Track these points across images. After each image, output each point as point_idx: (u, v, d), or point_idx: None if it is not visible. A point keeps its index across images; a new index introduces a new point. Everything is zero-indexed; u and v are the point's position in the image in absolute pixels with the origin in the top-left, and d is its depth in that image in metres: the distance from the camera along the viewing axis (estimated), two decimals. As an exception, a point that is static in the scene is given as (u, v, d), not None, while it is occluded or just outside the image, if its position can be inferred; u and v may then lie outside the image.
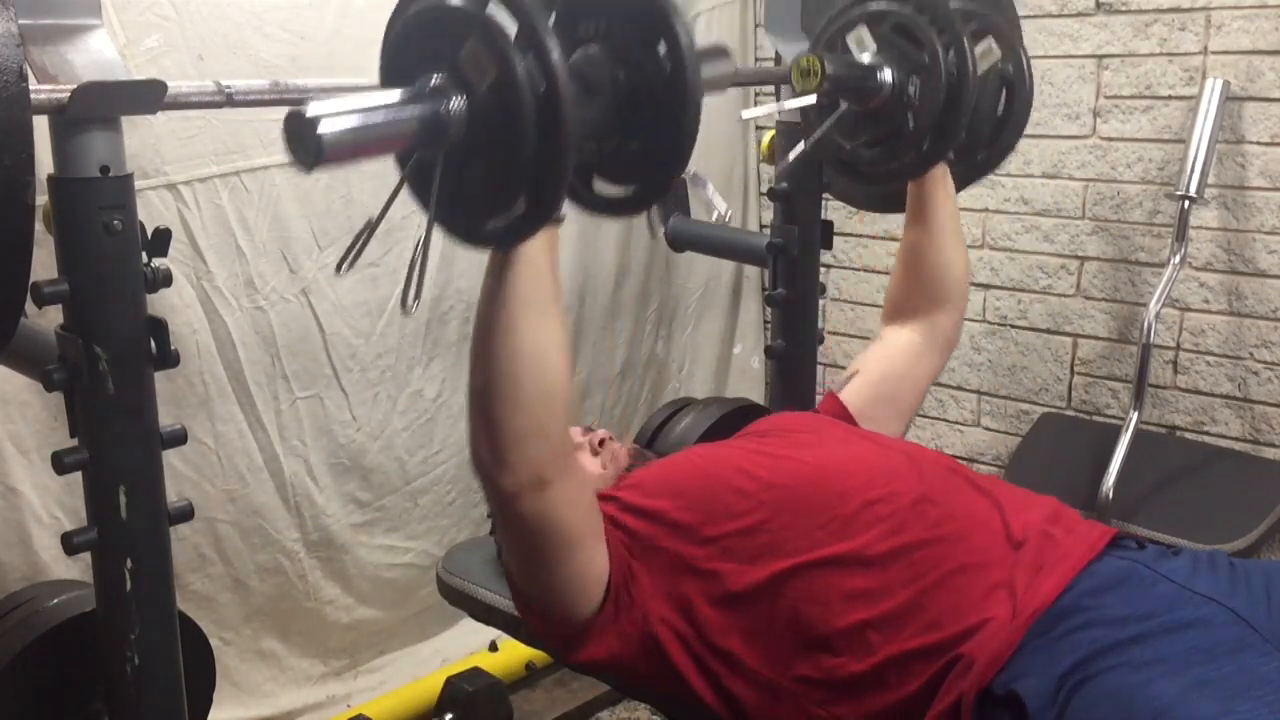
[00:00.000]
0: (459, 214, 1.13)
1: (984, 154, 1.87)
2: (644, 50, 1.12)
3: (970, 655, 1.28)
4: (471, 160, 1.07)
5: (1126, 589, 1.31)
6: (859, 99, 1.69)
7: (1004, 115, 1.84)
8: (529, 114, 1.01)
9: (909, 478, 1.46)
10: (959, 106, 1.67)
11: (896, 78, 1.68)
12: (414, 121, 1.03)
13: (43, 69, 1.18)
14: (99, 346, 1.22)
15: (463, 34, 1.03)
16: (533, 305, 1.20)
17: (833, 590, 1.36)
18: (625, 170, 1.20)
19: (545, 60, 1.01)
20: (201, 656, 1.58)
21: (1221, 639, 1.23)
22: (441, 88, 1.04)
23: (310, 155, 0.96)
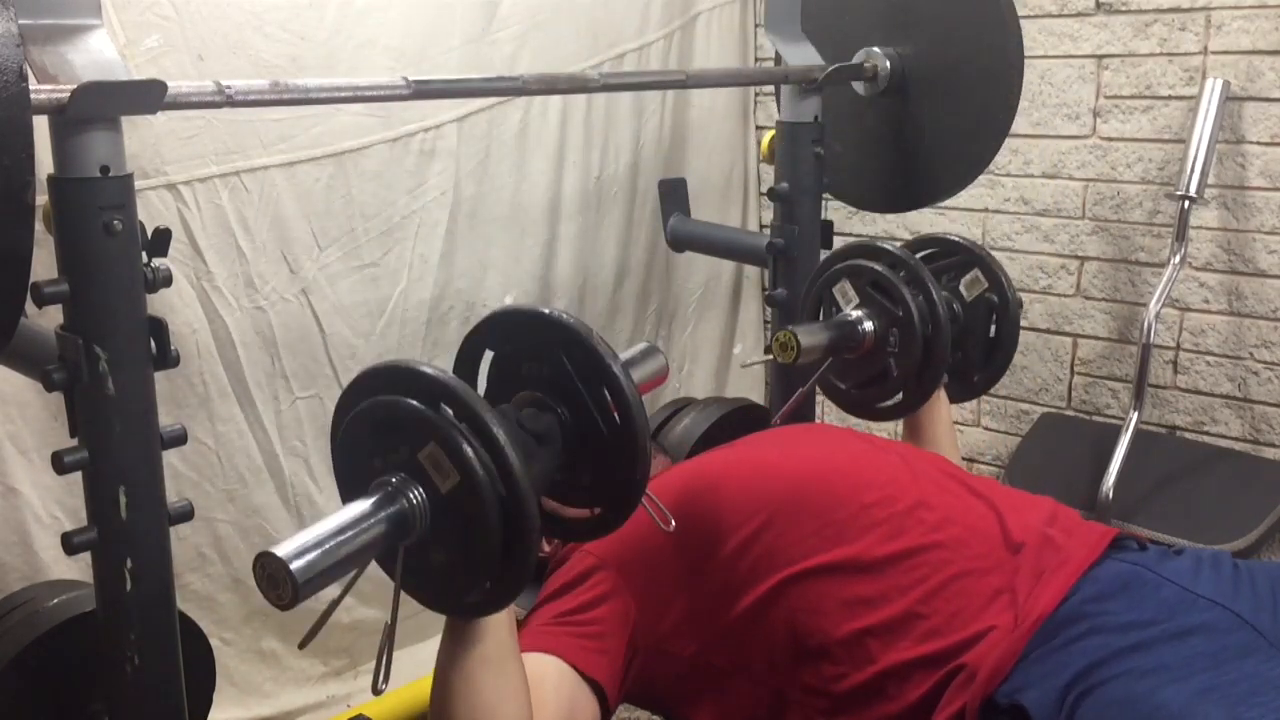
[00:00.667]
0: (428, 590, 1.16)
1: (980, 375, 2.05)
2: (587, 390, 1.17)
3: (972, 665, 1.27)
4: (434, 549, 1.10)
5: (1130, 594, 1.30)
6: (845, 349, 1.87)
7: (995, 337, 2.03)
8: (493, 516, 1.05)
9: (905, 481, 1.46)
10: (937, 355, 1.85)
11: (877, 328, 1.86)
12: (380, 529, 1.07)
13: (43, 69, 1.17)
14: (99, 346, 1.22)
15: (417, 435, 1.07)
16: (494, 665, 1.20)
17: (830, 598, 1.36)
18: (582, 497, 1.25)
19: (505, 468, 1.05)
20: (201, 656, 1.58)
21: (1226, 644, 1.22)
22: (401, 486, 1.08)
23: (287, 596, 1.00)
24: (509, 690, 1.21)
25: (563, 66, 2.68)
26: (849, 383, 1.95)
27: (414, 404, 1.07)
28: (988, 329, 2.02)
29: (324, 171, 2.33)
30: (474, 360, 1.26)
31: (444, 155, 2.51)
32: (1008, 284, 2.00)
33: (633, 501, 1.21)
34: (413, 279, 2.51)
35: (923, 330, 1.82)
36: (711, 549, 1.42)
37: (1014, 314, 2.01)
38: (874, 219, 3.03)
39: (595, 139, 2.83)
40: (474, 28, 2.53)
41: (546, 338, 1.19)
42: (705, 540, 1.42)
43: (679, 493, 1.48)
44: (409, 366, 1.10)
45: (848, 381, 1.95)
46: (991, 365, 2.05)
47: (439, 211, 2.53)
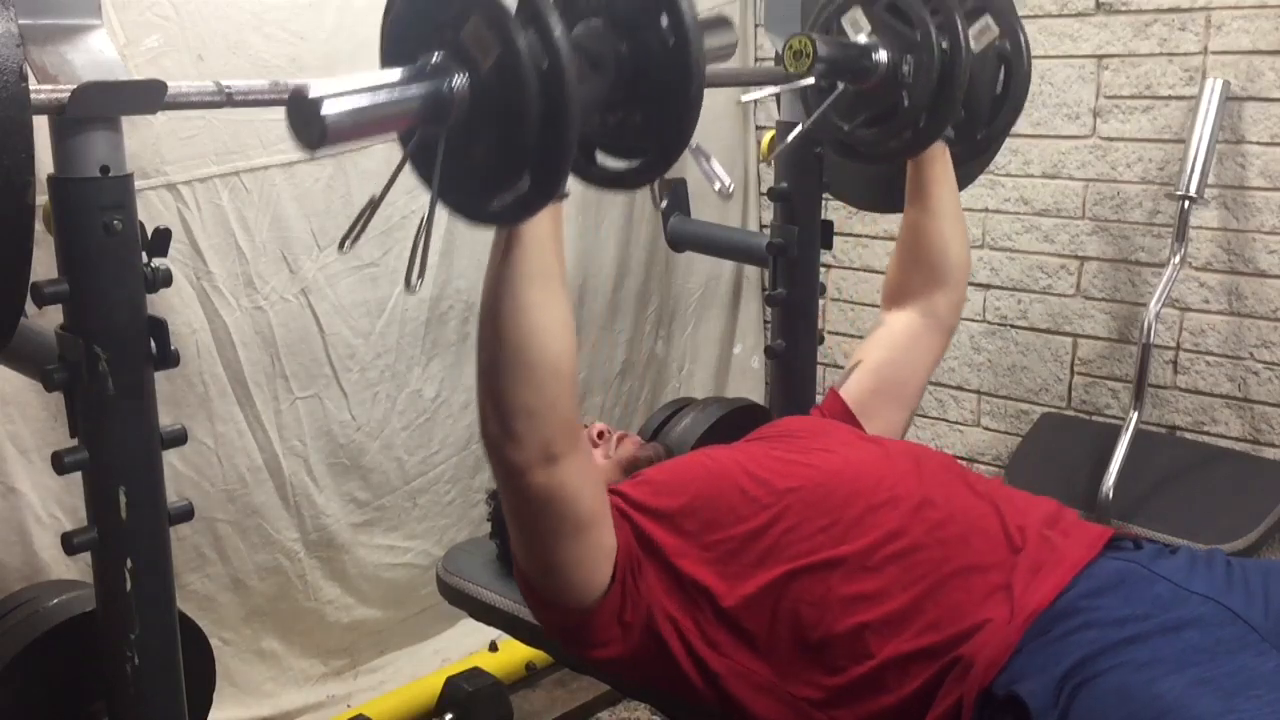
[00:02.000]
0: (463, 192, 1.13)
1: (983, 132, 1.87)
2: (646, 23, 1.11)
3: (969, 657, 1.28)
4: (474, 138, 1.06)
5: (1124, 589, 1.31)
6: (854, 79, 1.69)
7: (1002, 93, 1.84)
8: (533, 93, 1.01)
9: (912, 482, 1.47)
10: (953, 84, 1.67)
11: (890, 57, 1.68)
12: (417, 100, 1.02)
13: (43, 69, 1.18)
14: (99, 346, 1.22)
15: (464, 12, 1.02)
16: (538, 281, 1.20)
17: (832, 593, 1.37)
18: (629, 143, 1.20)
19: (548, 38, 1.01)
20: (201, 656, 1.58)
21: (1219, 637, 1.23)
22: (443, 66, 1.03)
23: (314, 136, 0.96)
24: (556, 313, 1.22)
25: (563, 66, 2.68)
26: (853, 121, 1.77)
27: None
28: (995, 83, 1.84)
29: (323, 171, 2.33)
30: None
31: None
32: (1022, 32, 1.82)
33: (679, 144, 1.16)
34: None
35: (940, 55, 1.66)
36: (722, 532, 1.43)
37: (1025, 67, 1.83)
38: (874, 219, 3.03)
39: (595, 139, 2.83)
40: (474, 28, 2.52)
41: None
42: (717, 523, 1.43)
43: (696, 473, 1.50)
44: None
45: (852, 120, 1.77)
46: (997, 123, 1.88)
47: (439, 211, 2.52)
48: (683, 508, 1.44)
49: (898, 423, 1.79)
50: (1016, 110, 1.86)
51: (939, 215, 1.81)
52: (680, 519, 1.43)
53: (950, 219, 1.82)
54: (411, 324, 2.54)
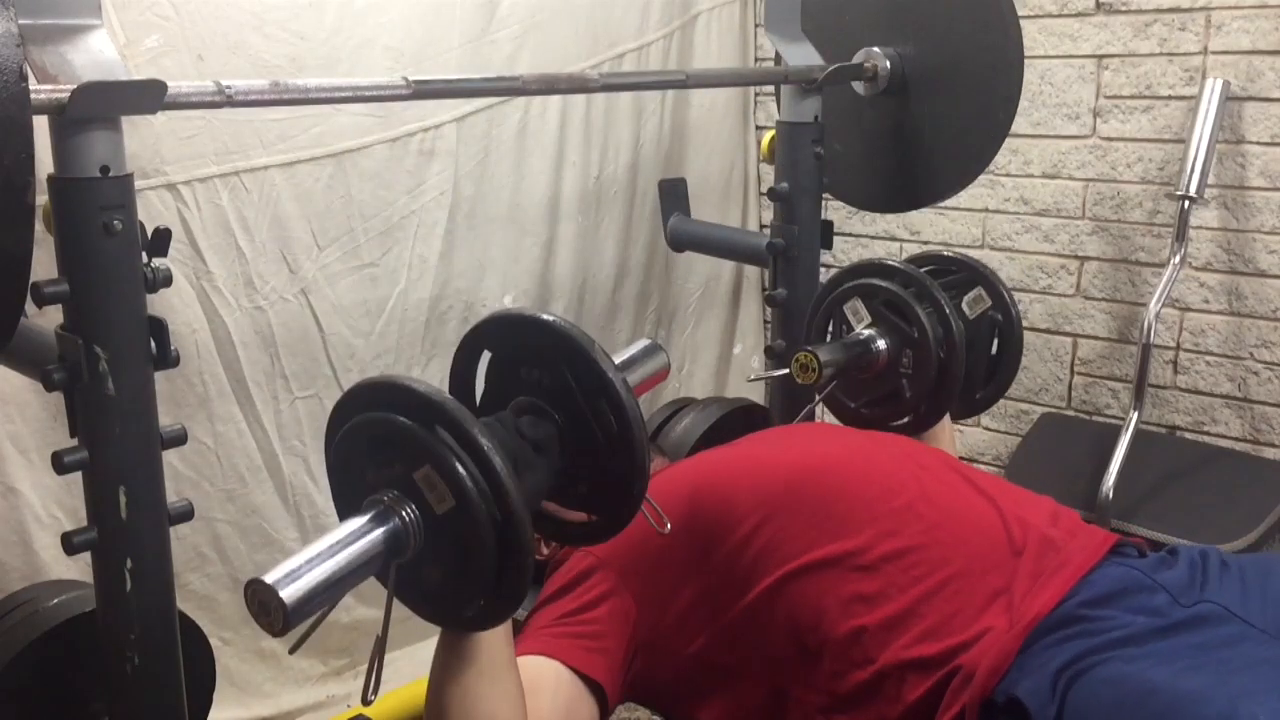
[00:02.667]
0: (423, 605, 1.16)
1: (981, 393, 2.03)
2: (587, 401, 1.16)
3: (969, 667, 1.27)
4: (429, 566, 1.10)
5: (1125, 599, 1.30)
6: (859, 371, 1.85)
7: (998, 354, 2.01)
8: (488, 539, 1.05)
9: (905, 476, 1.46)
10: (950, 377, 1.83)
11: (890, 347, 1.84)
12: (374, 550, 1.06)
13: (43, 69, 1.17)
14: (99, 346, 1.22)
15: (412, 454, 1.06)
16: (486, 675, 1.20)
17: (829, 595, 1.35)
18: (579, 504, 1.24)
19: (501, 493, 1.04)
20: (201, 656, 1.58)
21: (1216, 635, 1.24)
22: (395, 504, 1.07)
23: (278, 623, 0.99)
24: (506, 700, 1.21)
25: (562, 67, 2.68)
26: (858, 401, 1.93)
27: (409, 424, 1.06)
28: (990, 346, 2.00)
29: (323, 171, 2.33)
30: (473, 359, 1.26)
31: (443, 155, 2.51)
32: (1011, 302, 1.99)
33: (630, 512, 1.20)
34: (412, 279, 2.51)
35: (937, 352, 1.81)
36: (711, 547, 1.42)
37: (1017, 332, 1.99)
38: (874, 219, 3.03)
39: (594, 139, 2.83)
40: (473, 28, 2.53)
41: (547, 344, 1.18)
42: (705, 538, 1.42)
43: (677, 492, 1.48)
44: (402, 384, 1.09)
45: (857, 400, 1.93)
46: (994, 383, 2.04)
47: (438, 211, 2.53)
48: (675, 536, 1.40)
49: None
50: (1013, 370, 2.03)
51: None
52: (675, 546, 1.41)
53: None
54: (411, 324, 2.54)
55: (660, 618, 1.41)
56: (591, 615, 1.39)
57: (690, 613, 1.41)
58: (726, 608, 1.40)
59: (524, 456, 1.14)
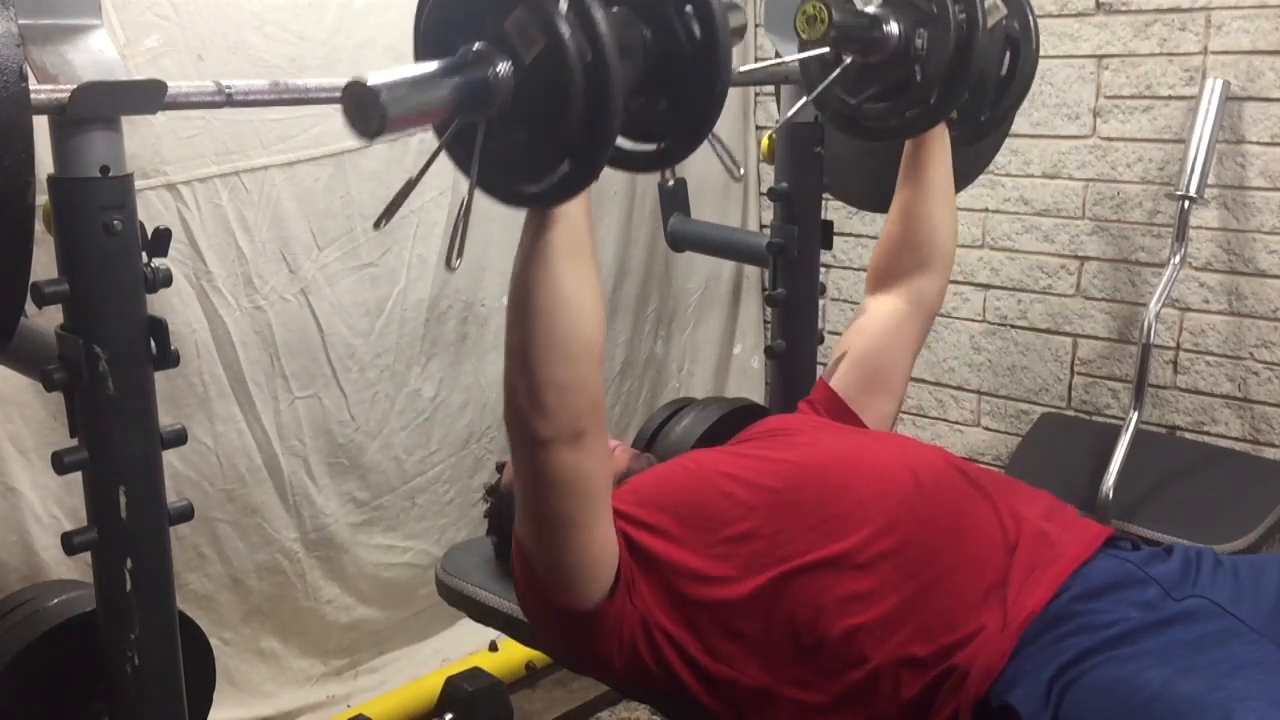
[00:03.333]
0: (500, 177, 1.13)
1: (988, 113, 1.82)
2: (673, 12, 1.12)
3: (964, 666, 1.27)
4: (515, 126, 1.07)
5: (1118, 593, 1.31)
6: (864, 51, 1.62)
7: (1008, 75, 1.79)
8: (577, 85, 1.01)
9: (901, 474, 1.46)
10: (968, 59, 1.61)
11: (903, 29, 1.61)
12: (465, 89, 1.03)
13: (43, 69, 1.18)
14: (99, 346, 1.22)
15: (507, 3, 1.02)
16: (572, 259, 1.20)
17: (827, 595, 1.35)
18: (653, 127, 1.20)
19: (593, 33, 1.01)
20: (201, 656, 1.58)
21: (1206, 631, 1.24)
22: (486, 55, 1.04)
23: (373, 125, 0.96)
24: (587, 286, 1.22)
25: (562, 66, 2.68)
26: (859, 95, 1.70)
27: None
28: (1000, 64, 1.79)
29: (323, 171, 2.33)
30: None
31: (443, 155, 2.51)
32: (1031, 14, 1.78)
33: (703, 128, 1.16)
34: (411, 279, 2.52)
35: (957, 30, 1.60)
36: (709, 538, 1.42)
37: (1034, 48, 1.79)
38: (874, 219, 3.03)
39: (595, 139, 2.83)
40: (473, 27, 2.53)
41: None
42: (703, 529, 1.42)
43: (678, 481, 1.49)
44: None
45: (858, 94, 1.70)
46: (1002, 105, 1.84)
47: (437, 211, 2.53)
48: (668, 516, 1.42)
49: (887, 414, 1.77)
50: (1023, 92, 1.81)
51: (931, 197, 1.78)
52: (667, 528, 1.42)
53: (942, 202, 1.79)
54: (410, 324, 2.54)
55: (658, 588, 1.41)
56: None
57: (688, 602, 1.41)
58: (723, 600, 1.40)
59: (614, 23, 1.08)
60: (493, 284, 2.67)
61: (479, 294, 2.65)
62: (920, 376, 3.06)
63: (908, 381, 1.84)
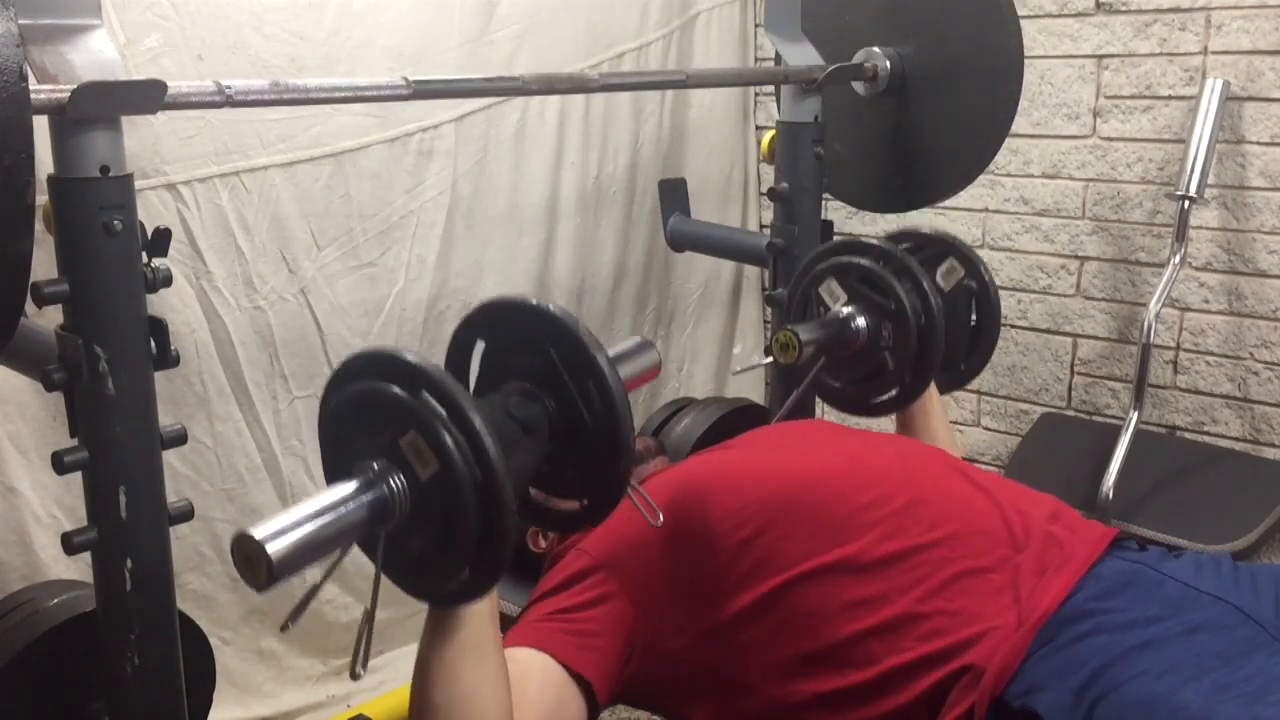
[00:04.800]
0: (407, 577, 1.17)
1: (965, 363, 2.03)
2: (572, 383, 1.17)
3: (978, 665, 1.26)
4: (415, 534, 1.11)
5: (1133, 591, 1.30)
6: (840, 349, 1.85)
7: (977, 323, 2.01)
8: (470, 503, 1.05)
9: (902, 478, 1.45)
10: (932, 346, 1.83)
11: (869, 323, 1.84)
12: (359, 515, 1.06)
13: (43, 69, 1.17)
14: (99, 346, 1.22)
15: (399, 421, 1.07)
16: (471, 652, 1.20)
17: (831, 600, 1.35)
18: (569, 488, 1.24)
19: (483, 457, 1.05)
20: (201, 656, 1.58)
21: (1233, 640, 1.22)
22: (383, 472, 1.08)
23: (262, 577, 1.00)
24: (488, 680, 1.21)
25: (561, 67, 2.68)
26: (844, 380, 1.93)
27: (397, 391, 1.08)
28: (969, 317, 2.01)
29: (323, 171, 2.33)
30: (466, 350, 1.26)
31: (442, 155, 2.51)
32: (984, 269, 1.99)
33: (617, 495, 1.20)
34: (410, 279, 2.51)
35: (916, 322, 1.81)
36: (708, 551, 1.41)
37: (994, 298, 1.99)
38: (874, 219, 3.03)
39: (593, 139, 2.83)
40: (472, 28, 2.53)
41: (534, 329, 1.19)
42: (701, 542, 1.42)
43: (673, 494, 1.47)
44: (393, 353, 1.10)
45: (842, 379, 1.93)
46: (977, 352, 2.03)
47: (436, 211, 2.53)
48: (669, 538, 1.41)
49: None
50: (993, 338, 2.04)
51: (932, 440, 1.91)
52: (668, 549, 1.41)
53: (943, 442, 1.92)
54: (409, 324, 2.54)
55: (657, 620, 1.41)
56: (587, 615, 1.39)
57: (687, 616, 1.41)
58: (724, 611, 1.39)
59: (512, 435, 1.15)
60: (492, 284, 2.67)
61: (477, 294, 2.65)
62: (920, 376, 3.06)
63: None
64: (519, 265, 2.73)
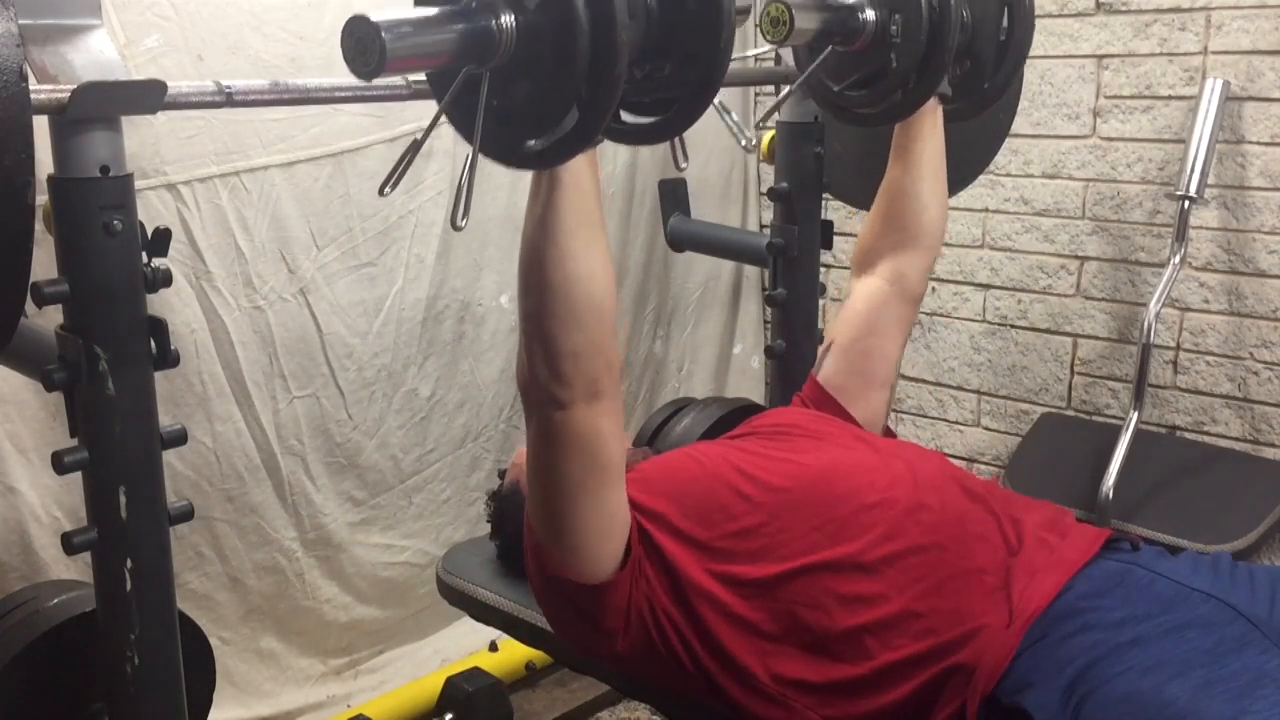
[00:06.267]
0: (505, 134, 1.11)
1: (990, 81, 1.79)
2: None
3: (969, 663, 1.28)
4: (518, 78, 1.06)
5: (1123, 590, 1.31)
6: (842, 41, 1.65)
7: (1007, 37, 1.75)
8: (582, 29, 1.01)
9: (906, 484, 1.46)
10: (941, 45, 1.63)
11: (879, 16, 1.63)
12: (469, 36, 1.02)
13: (43, 69, 1.17)
14: (99, 346, 1.22)
15: None
16: (581, 227, 1.21)
17: (830, 594, 1.36)
18: (659, 94, 1.19)
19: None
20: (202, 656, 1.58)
21: (1222, 637, 1.23)
22: (490, 3, 1.03)
23: (372, 62, 0.97)
24: (598, 256, 1.23)
25: (561, 66, 2.68)
26: (842, 82, 1.73)
27: None
28: (999, 28, 1.76)
29: (322, 171, 2.33)
30: None
31: (440, 155, 2.51)
32: None
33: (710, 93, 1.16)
34: (409, 278, 2.52)
35: (929, 15, 1.62)
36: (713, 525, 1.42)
37: (1029, 7, 1.75)
38: (873, 219, 3.02)
39: (593, 139, 2.83)
40: (472, 27, 2.53)
41: None
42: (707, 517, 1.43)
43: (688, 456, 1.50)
44: None
45: (841, 80, 1.73)
46: (1003, 69, 1.79)
47: (435, 211, 2.53)
48: (675, 506, 1.43)
49: (879, 408, 1.74)
50: (1022, 54, 1.78)
51: (920, 174, 1.76)
52: (672, 518, 1.42)
53: (931, 179, 1.77)
54: (408, 324, 2.54)
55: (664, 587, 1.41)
56: None
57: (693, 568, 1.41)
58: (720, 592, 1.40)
59: None
60: (490, 283, 2.67)
61: (476, 293, 2.65)
62: (920, 376, 3.06)
63: (897, 372, 1.83)
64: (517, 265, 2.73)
